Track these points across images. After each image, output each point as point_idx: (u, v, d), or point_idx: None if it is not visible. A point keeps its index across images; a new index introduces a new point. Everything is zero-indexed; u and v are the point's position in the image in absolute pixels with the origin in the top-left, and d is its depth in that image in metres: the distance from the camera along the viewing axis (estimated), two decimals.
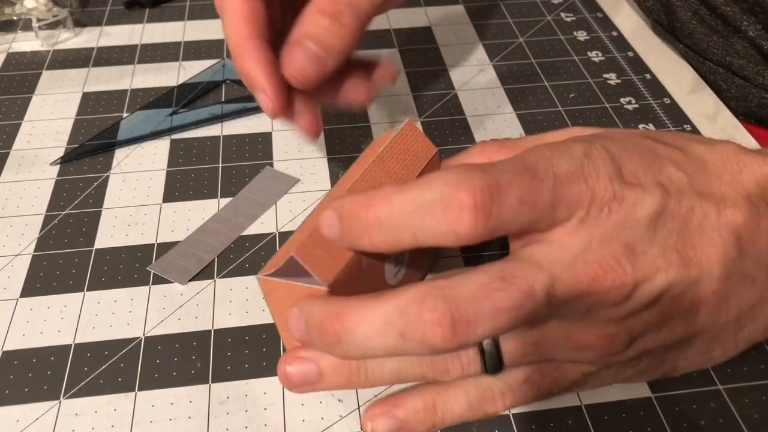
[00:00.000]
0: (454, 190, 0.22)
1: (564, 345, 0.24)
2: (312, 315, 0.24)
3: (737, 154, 0.26)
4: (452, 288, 0.22)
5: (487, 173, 0.22)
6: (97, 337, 0.32)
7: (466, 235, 0.22)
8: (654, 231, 0.24)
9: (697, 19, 0.47)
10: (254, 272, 0.35)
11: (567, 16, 0.55)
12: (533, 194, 0.23)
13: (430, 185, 0.22)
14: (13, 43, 0.52)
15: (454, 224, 0.22)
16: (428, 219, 0.22)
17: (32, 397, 0.30)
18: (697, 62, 0.49)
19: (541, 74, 0.49)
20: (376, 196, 0.23)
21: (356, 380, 0.25)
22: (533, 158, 0.24)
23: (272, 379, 0.31)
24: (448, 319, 0.21)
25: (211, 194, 0.39)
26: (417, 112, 0.45)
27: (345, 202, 0.24)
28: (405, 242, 0.23)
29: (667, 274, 0.23)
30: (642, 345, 0.25)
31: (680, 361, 0.27)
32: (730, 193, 0.25)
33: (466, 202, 0.22)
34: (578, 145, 0.25)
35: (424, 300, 0.22)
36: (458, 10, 0.56)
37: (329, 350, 0.24)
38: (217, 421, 0.29)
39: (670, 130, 0.44)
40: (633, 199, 0.24)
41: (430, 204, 0.22)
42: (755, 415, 0.29)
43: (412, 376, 0.25)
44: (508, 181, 0.22)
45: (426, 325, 0.21)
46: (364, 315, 0.23)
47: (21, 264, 0.35)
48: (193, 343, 0.32)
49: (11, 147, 0.43)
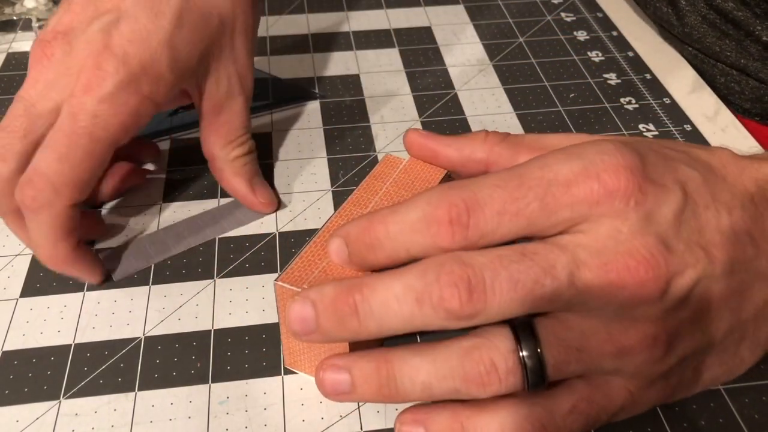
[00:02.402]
0: (433, 208, 0.24)
1: (606, 350, 0.24)
2: (324, 294, 0.24)
3: (735, 159, 0.27)
4: (471, 256, 0.23)
5: (466, 189, 0.24)
6: (97, 337, 0.32)
7: (448, 247, 0.24)
8: (679, 227, 0.24)
9: (707, 23, 0.47)
10: (254, 272, 0.35)
11: (567, 16, 0.55)
12: (515, 203, 0.23)
13: (415, 205, 0.24)
14: (13, 43, 0.52)
15: (436, 238, 0.24)
16: (415, 236, 0.24)
17: (32, 397, 0.30)
18: (708, 65, 0.49)
19: (541, 74, 0.49)
20: (374, 218, 0.25)
21: (387, 393, 0.25)
22: (525, 168, 0.24)
23: (272, 379, 0.31)
24: (465, 282, 0.22)
25: (211, 194, 0.39)
26: (417, 112, 0.45)
27: (351, 227, 0.26)
28: (402, 257, 0.25)
29: (695, 269, 0.23)
30: (681, 349, 0.25)
31: (717, 368, 0.26)
32: (736, 194, 0.25)
33: (443, 217, 0.24)
34: (592, 146, 0.25)
35: (443, 264, 0.23)
36: (458, 10, 0.56)
37: (341, 327, 0.24)
38: (217, 421, 0.29)
39: (671, 135, 0.44)
40: (657, 195, 0.24)
41: (416, 222, 0.24)
42: (755, 415, 0.29)
43: (444, 390, 0.24)
44: (487, 195, 0.24)
45: (443, 288, 0.22)
46: (383, 282, 0.24)
47: (21, 264, 0.35)
48: (193, 343, 0.32)
49: None
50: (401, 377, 0.24)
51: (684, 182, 0.25)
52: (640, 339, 0.24)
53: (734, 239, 0.24)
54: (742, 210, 0.25)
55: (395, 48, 0.51)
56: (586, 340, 0.24)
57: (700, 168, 0.26)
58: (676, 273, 0.23)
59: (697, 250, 0.24)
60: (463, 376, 0.23)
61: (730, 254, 0.24)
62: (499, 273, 0.22)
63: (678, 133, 0.44)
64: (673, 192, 0.24)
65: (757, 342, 0.27)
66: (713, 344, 0.25)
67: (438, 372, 0.24)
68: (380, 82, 0.48)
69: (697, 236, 0.24)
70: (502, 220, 0.23)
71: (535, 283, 0.22)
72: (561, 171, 0.24)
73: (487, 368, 0.23)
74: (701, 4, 0.47)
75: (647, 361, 0.24)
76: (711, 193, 0.25)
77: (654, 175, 0.24)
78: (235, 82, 0.35)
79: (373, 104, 0.46)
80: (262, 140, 0.43)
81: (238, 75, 0.36)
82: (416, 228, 0.24)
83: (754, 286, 0.25)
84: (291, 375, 0.31)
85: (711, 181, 0.25)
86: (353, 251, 0.26)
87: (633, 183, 0.23)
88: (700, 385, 0.27)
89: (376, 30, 0.53)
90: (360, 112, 0.45)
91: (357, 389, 0.25)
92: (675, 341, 0.24)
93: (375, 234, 0.25)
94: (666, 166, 0.25)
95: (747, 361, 0.27)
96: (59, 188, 0.30)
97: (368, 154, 0.42)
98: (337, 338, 0.25)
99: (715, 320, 0.25)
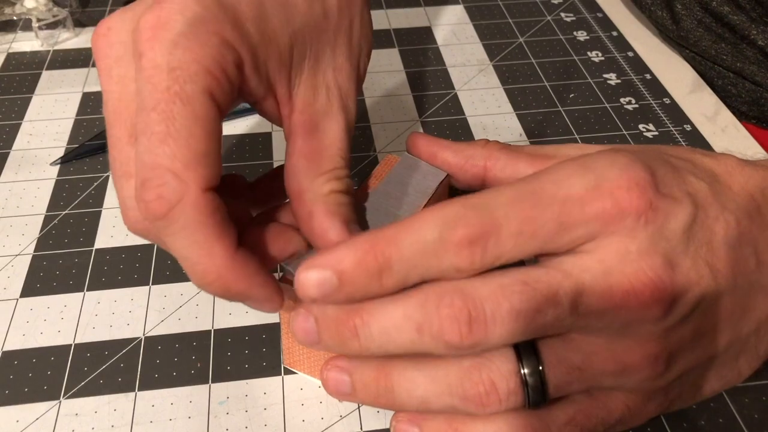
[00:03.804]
0: (452, 230, 0.22)
1: (608, 368, 0.24)
2: (326, 313, 0.24)
3: (740, 166, 0.26)
4: (472, 286, 0.22)
5: (482, 209, 0.23)
6: (97, 337, 0.32)
7: (467, 270, 0.23)
8: (687, 242, 0.23)
9: (703, 27, 0.47)
10: None
11: (567, 16, 0.55)
12: (532, 224, 0.23)
13: (431, 225, 0.23)
14: (13, 43, 0.52)
15: (455, 261, 0.22)
16: (432, 258, 0.23)
17: (32, 397, 0.30)
18: (706, 67, 0.49)
19: (541, 74, 0.49)
20: (380, 241, 0.23)
21: (385, 402, 0.25)
22: (539, 184, 0.23)
23: (272, 379, 0.31)
24: (465, 315, 0.22)
25: None
26: (417, 112, 0.45)
27: (344, 254, 0.23)
28: (414, 281, 0.23)
29: (700, 287, 0.23)
30: (681, 366, 0.24)
31: (715, 382, 0.26)
32: (742, 204, 0.25)
33: (462, 240, 0.22)
34: (604, 157, 0.24)
35: (443, 296, 0.22)
36: (458, 10, 0.56)
37: (343, 346, 0.24)
38: (217, 421, 0.29)
39: (671, 135, 0.44)
40: (667, 209, 0.23)
41: (432, 243, 0.22)
42: (755, 415, 0.29)
43: (442, 406, 0.24)
44: (503, 215, 0.23)
45: (443, 320, 0.22)
46: (384, 308, 0.23)
47: (21, 264, 0.35)
48: (193, 343, 0.32)
49: (11, 147, 0.43)
50: (399, 390, 0.24)
51: (693, 194, 0.24)
52: (642, 357, 0.23)
53: (739, 251, 0.24)
54: (749, 220, 0.25)
55: (395, 48, 0.51)
56: (588, 359, 0.24)
57: (706, 178, 0.25)
58: (683, 292, 0.23)
59: (702, 266, 0.23)
60: (462, 395, 0.23)
61: (734, 268, 0.24)
62: (500, 304, 0.22)
63: (678, 133, 0.44)
64: (683, 205, 0.24)
65: (756, 355, 0.26)
66: (713, 359, 0.25)
67: (436, 389, 0.24)
68: (380, 82, 0.48)
69: (704, 250, 0.24)
70: (518, 241, 0.23)
71: (537, 313, 0.22)
72: (574, 187, 0.23)
73: (487, 389, 0.23)
74: (697, 8, 0.47)
75: (647, 378, 0.24)
76: (719, 203, 0.24)
77: (665, 189, 0.24)
78: (335, 95, 0.27)
79: (373, 104, 0.46)
80: (263, 140, 0.43)
81: (339, 87, 0.28)
82: (433, 250, 0.22)
83: (757, 299, 0.25)
84: (291, 375, 0.31)
85: (718, 190, 0.25)
86: (349, 281, 0.23)
87: (644, 200, 0.23)
88: (698, 396, 0.27)
89: (376, 30, 0.53)
90: (360, 112, 0.45)
91: (357, 393, 0.25)
92: (676, 358, 0.24)
93: (385, 257, 0.22)
94: (675, 178, 0.24)
95: (744, 374, 0.27)
96: (180, 172, 0.22)
97: (368, 154, 0.42)
98: (342, 353, 0.25)
99: (717, 335, 0.25)
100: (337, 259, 0.23)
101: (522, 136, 0.44)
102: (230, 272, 0.23)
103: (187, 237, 0.23)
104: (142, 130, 0.23)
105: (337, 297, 0.23)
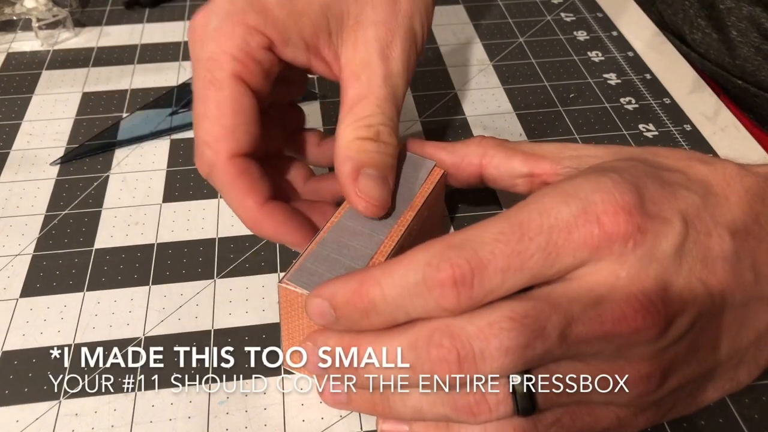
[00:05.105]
0: (434, 270, 0.22)
1: (599, 386, 0.23)
2: (328, 338, 0.25)
3: (740, 175, 0.25)
4: (460, 325, 0.22)
5: (467, 247, 0.23)
6: (97, 337, 0.32)
7: (454, 309, 0.23)
8: (680, 261, 0.23)
9: (762, 55, 0.45)
10: (254, 272, 0.35)
11: (567, 16, 0.55)
12: (518, 258, 0.23)
13: (413, 266, 0.23)
14: (13, 43, 0.52)
15: (440, 301, 0.23)
16: (416, 299, 0.23)
17: (32, 397, 0.30)
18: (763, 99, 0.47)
19: (541, 74, 0.49)
20: (366, 281, 0.24)
21: (380, 410, 0.25)
22: (525, 216, 0.23)
23: (272, 379, 0.31)
24: (454, 355, 0.22)
25: (211, 194, 0.39)
26: (417, 112, 0.45)
27: (336, 288, 0.24)
28: (401, 320, 0.24)
29: (695, 306, 0.23)
30: (675, 382, 0.24)
31: (712, 392, 0.26)
32: (739, 215, 0.24)
33: (446, 280, 0.22)
34: (588, 181, 0.24)
35: (432, 336, 0.23)
36: (458, 10, 0.56)
37: (345, 369, 0.25)
38: (217, 421, 0.29)
39: (671, 135, 0.44)
40: (656, 231, 0.23)
41: (415, 285, 0.23)
42: (755, 415, 0.29)
43: (435, 415, 0.25)
44: (489, 252, 0.23)
45: (433, 361, 0.22)
46: (377, 344, 0.24)
47: (21, 264, 0.35)
48: (193, 343, 0.32)
49: (11, 147, 0.43)
50: (393, 399, 0.25)
51: (684, 210, 0.24)
52: (634, 378, 0.23)
53: (736, 265, 0.24)
54: (745, 232, 0.24)
55: None
56: (578, 377, 0.23)
57: (699, 190, 0.25)
58: (676, 315, 0.23)
59: (697, 285, 0.23)
60: (453, 405, 0.24)
61: (731, 284, 0.24)
62: (489, 342, 0.22)
63: (678, 133, 0.44)
64: (673, 224, 0.23)
65: (756, 365, 0.26)
66: (710, 371, 0.25)
67: (428, 398, 0.24)
68: None
69: (698, 267, 0.23)
70: (506, 276, 0.23)
71: (526, 348, 0.22)
72: (560, 215, 0.23)
73: (476, 399, 0.23)
74: (754, 34, 0.45)
75: (639, 395, 0.24)
76: (712, 217, 0.24)
77: (653, 208, 0.23)
78: (374, 48, 0.30)
79: None
80: None
81: (378, 40, 0.30)
82: (417, 291, 0.23)
83: (757, 310, 0.25)
84: (291, 375, 0.31)
85: (712, 203, 0.24)
86: (343, 316, 0.24)
87: (632, 224, 0.23)
88: (694, 407, 0.26)
89: None
90: None
91: (353, 403, 0.26)
92: (669, 374, 0.24)
93: (369, 298, 0.23)
94: (665, 195, 0.24)
95: (743, 383, 0.26)
96: (212, 144, 0.28)
97: None
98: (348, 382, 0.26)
99: (714, 350, 0.24)
100: (331, 293, 0.24)
101: (522, 136, 0.44)
102: (259, 221, 0.29)
103: (225, 193, 0.29)
104: (193, 111, 0.29)
105: (338, 327, 0.25)
